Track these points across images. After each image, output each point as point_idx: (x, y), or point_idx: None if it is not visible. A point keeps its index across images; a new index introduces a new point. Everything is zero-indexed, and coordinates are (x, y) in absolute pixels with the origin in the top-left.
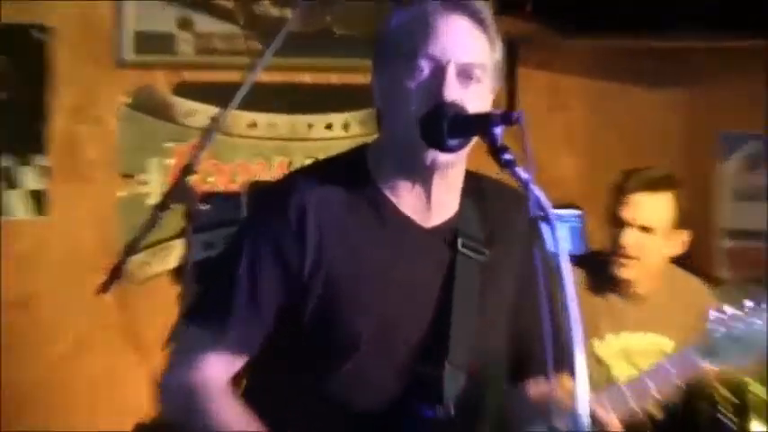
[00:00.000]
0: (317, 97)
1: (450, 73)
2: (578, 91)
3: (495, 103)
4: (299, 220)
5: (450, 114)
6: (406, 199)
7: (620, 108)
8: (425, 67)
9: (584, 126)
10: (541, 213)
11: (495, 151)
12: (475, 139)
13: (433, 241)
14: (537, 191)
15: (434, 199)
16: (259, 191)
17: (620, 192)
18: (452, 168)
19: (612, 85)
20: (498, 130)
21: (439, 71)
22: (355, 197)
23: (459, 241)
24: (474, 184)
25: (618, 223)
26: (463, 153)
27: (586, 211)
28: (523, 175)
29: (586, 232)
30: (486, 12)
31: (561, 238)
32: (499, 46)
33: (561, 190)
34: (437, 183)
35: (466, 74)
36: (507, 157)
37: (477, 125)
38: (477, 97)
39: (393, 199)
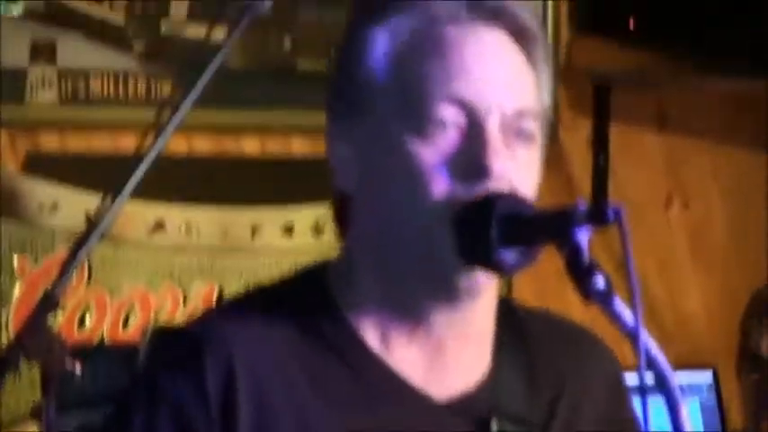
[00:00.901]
0: (269, 178)
1: (493, 129)
2: (715, 168)
3: (551, 188)
4: (221, 389)
5: (501, 210)
6: (403, 350)
7: None
8: (449, 120)
9: (722, 232)
10: (651, 381)
11: (579, 273)
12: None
13: (451, 425)
14: (647, 341)
15: (453, 350)
16: (162, 340)
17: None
18: (484, 294)
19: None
20: (584, 237)
21: (475, 128)
22: (313, 347)
23: (494, 425)
24: (510, 320)
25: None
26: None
27: (724, 369)
28: (625, 314)
29: (723, 407)
30: (534, 21)
31: (685, 421)
32: (549, 82)
33: (685, 336)
34: (458, 322)
35: (513, 130)
36: (600, 283)
37: (548, 227)
38: (529, 170)
39: (378, 349)
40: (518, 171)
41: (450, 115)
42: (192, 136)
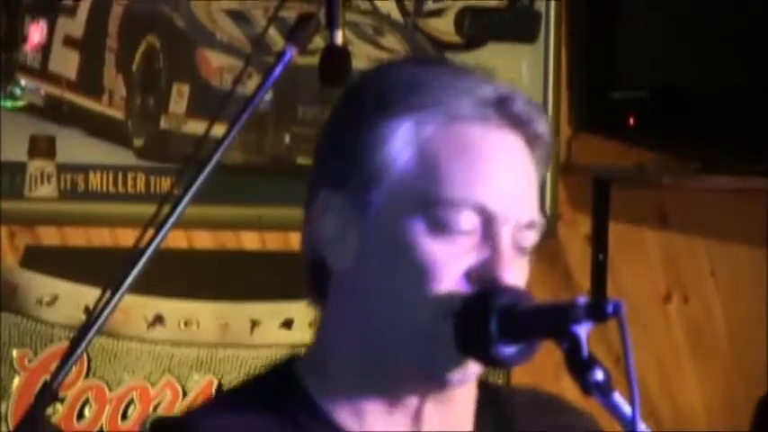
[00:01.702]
0: (269, 273)
1: (507, 240)
2: (716, 263)
3: (550, 283)
4: None
5: (500, 305)
6: (380, 424)
7: None
8: (470, 227)
9: (722, 328)
10: None
11: (578, 367)
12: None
13: None
14: None
15: (433, 419)
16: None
17: None
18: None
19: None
20: (583, 331)
21: (491, 236)
22: None
23: None
24: (489, 396)
25: None
26: None
27: None
28: (623, 408)
29: None
30: (549, 130)
31: None
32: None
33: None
34: (438, 402)
35: (519, 241)
36: (599, 377)
37: (547, 322)
38: (523, 277)
39: (355, 427)
40: (516, 279)
41: (472, 222)
42: (192, 231)
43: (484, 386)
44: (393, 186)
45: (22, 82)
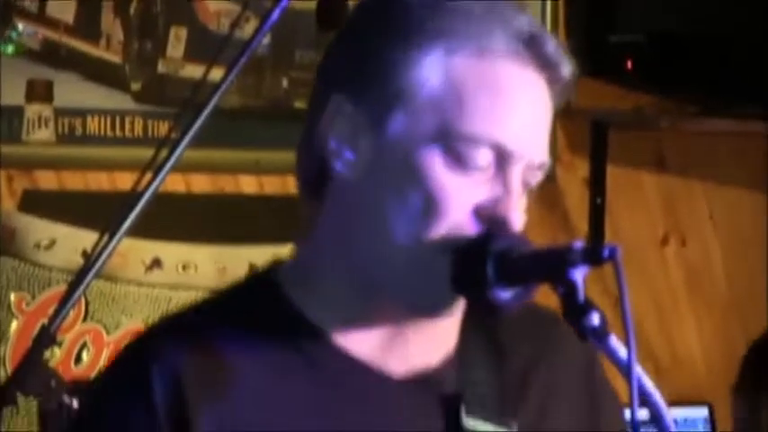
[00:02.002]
0: (266, 216)
1: (518, 179)
2: (714, 207)
3: (548, 227)
4: (168, 399)
5: (498, 247)
6: (361, 333)
7: None
8: (486, 162)
9: (719, 270)
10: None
11: (574, 311)
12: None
13: (412, 401)
14: (641, 378)
15: (415, 329)
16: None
17: None
18: None
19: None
20: (579, 276)
21: (504, 174)
22: (264, 342)
23: (463, 408)
24: (476, 306)
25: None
26: None
27: (720, 405)
28: (619, 351)
29: None
30: (570, 73)
31: None
32: None
33: (681, 373)
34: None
35: (527, 180)
36: (594, 321)
37: (543, 267)
38: (523, 214)
39: (335, 333)
40: (522, 219)
41: (487, 159)
42: (190, 175)
43: None
44: (416, 110)
45: (20, 26)
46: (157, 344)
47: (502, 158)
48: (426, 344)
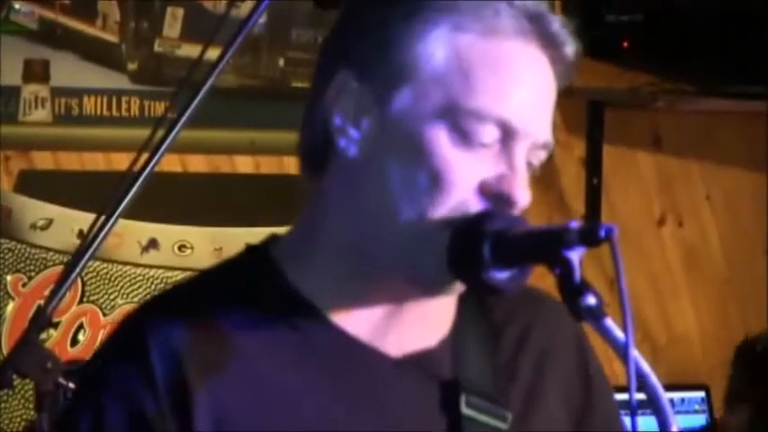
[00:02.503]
0: (262, 198)
1: (522, 157)
2: (711, 187)
3: (544, 206)
4: (168, 373)
5: (493, 230)
6: (357, 311)
7: None
8: (492, 139)
9: (716, 250)
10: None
11: (570, 291)
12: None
13: (408, 380)
14: (637, 359)
15: (412, 310)
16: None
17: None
18: None
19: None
20: (575, 256)
21: (509, 151)
22: (261, 318)
23: (463, 397)
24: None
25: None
26: None
27: (717, 387)
28: (616, 332)
29: (716, 425)
30: (574, 53)
31: None
32: None
33: (678, 354)
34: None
35: (532, 158)
36: (590, 301)
37: (539, 247)
38: (526, 191)
39: (331, 312)
40: (528, 197)
41: (493, 135)
42: (186, 155)
43: None
44: (421, 86)
45: (17, 5)
46: (154, 319)
47: (507, 136)
48: (423, 325)
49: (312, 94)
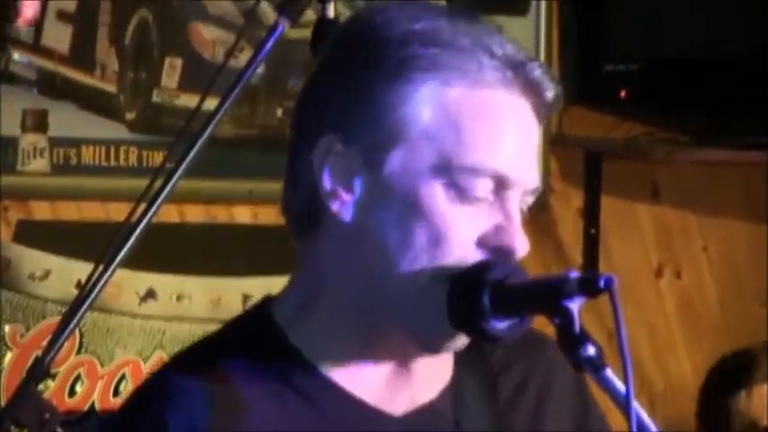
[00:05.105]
0: (260, 247)
1: (517, 207)
2: (708, 238)
3: (542, 256)
4: None
5: (492, 279)
6: (362, 372)
7: None
8: (487, 193)
9: (713, 301)
10: None
11: (570, 342)
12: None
13: None
14: (638, 411)
15: (417, 367)
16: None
17: (734, 382)
18: None
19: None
20: (575, 306)
21: (504, 203)
22: (266, 383)
23: None
24: None
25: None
26: None
27: None
28: (616, 383)
29: None
30: (556, 96)
31: None
32: None
33: (675, 403)
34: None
35: (522, 204)
36: (590, 352)
37: (539, 297)
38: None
39: (335, 374)
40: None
41: (489, 187)
42: (184, 205)
43: None
44: (412, 145)
45: (16, 56)
46: (171, 385)
47: (501, 186)
48: (426, 378)
49: (292, 153)
